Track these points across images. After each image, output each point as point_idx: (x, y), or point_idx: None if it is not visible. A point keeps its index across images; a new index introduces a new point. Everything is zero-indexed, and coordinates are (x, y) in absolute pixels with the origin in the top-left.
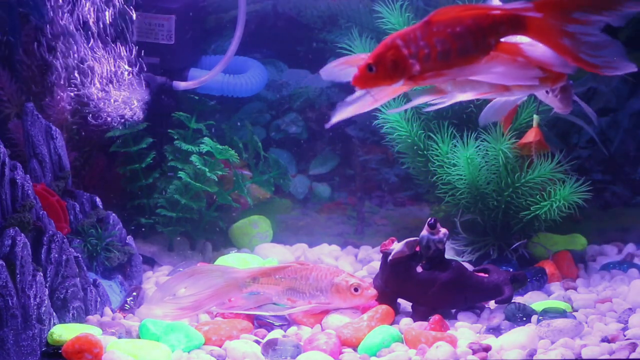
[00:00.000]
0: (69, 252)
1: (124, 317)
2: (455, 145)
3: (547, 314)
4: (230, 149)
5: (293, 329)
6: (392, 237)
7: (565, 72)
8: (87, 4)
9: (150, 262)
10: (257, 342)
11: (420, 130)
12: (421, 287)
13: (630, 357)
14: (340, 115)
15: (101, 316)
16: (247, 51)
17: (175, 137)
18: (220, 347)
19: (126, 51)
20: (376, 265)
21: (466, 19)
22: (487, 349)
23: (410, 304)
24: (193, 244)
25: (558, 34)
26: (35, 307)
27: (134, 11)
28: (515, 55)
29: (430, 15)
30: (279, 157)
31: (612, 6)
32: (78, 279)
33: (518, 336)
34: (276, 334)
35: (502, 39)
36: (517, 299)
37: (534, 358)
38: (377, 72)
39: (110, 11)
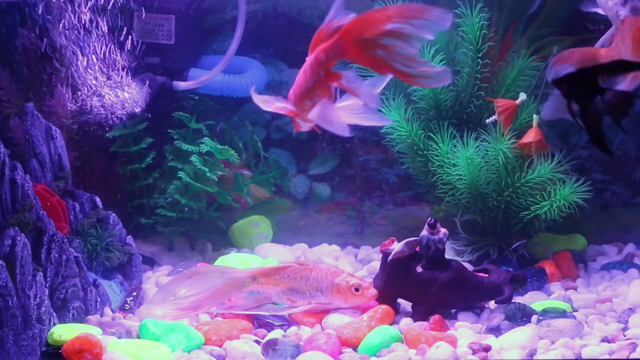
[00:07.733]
0: (69, 252)
1: (124, 317)
2: (455, 145)
3: (547, 314)
4: (230, 149)
5: (293, 329)
6: (392, 237)
7: (372, 105)
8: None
9: (150, 262)
10: (257, 342)
11: (420, 130)
12: (421, 287)
13: (630, 357)
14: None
15: (101, 316)
16: (247, 51)
17: (175, 137)
18: (220, 347)
19: (127, 52)
20: (376, 265)
21: (312, 57)
22: (487, 349)
23: (410, 304)
24: (193, 244)
25: (371, 47)
26: (35, 307)
27: (134, 11)
28: (337, 83)
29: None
30: (279, 157)
31: (417, 15)
32: (78, 279)
33: (518, 336)
34: (276, 334)
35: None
36: (517, 299)
37: (534, 358)
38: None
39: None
